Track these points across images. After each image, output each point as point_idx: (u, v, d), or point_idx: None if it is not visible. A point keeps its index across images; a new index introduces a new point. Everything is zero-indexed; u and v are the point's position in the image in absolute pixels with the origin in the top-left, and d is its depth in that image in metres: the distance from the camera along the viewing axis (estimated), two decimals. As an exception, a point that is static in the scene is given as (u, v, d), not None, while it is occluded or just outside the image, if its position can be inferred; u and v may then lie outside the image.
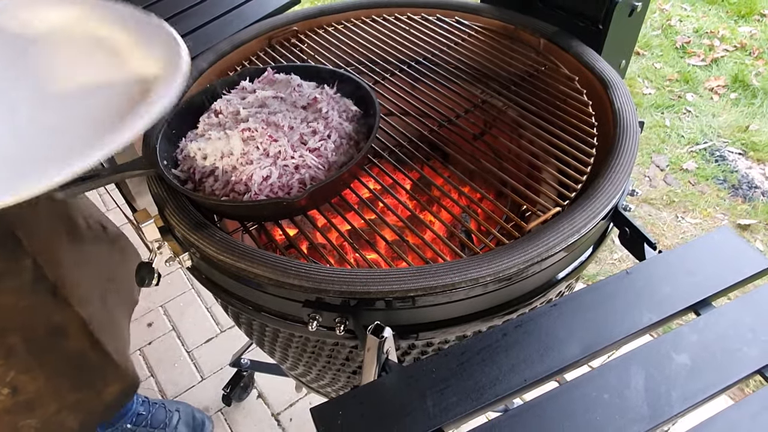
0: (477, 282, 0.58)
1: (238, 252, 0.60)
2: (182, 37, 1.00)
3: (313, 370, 0.82)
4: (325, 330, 0.61)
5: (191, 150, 0.68)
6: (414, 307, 0.60)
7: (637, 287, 0.58)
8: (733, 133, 2.20)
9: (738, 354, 0.52)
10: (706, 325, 0.54)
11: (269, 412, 1.45)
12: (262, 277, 0.59)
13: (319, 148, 0.67)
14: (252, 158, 0.65)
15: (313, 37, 1.00)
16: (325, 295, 0.58)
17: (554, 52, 0.90)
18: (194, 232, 0.63)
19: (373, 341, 0.53)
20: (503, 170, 0.72)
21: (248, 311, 0.66)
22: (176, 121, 0.73)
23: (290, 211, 0.67)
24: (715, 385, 0.50)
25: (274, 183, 0.64)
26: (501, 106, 0.84)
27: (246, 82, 0.77)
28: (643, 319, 0.55)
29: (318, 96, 0.73)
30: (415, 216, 0.69)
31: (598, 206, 0.64)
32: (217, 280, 0.68)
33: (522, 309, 0.65)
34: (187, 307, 1.69)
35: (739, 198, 1.96)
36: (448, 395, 0.50)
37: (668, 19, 2.85)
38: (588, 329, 0.54)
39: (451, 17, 1.00)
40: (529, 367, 0.52)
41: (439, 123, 0.81)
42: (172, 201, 0.67)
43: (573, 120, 0.77)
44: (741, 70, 2.48)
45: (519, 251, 0.60)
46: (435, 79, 0.88)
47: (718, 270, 0.59)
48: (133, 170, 0.67)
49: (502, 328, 0.55)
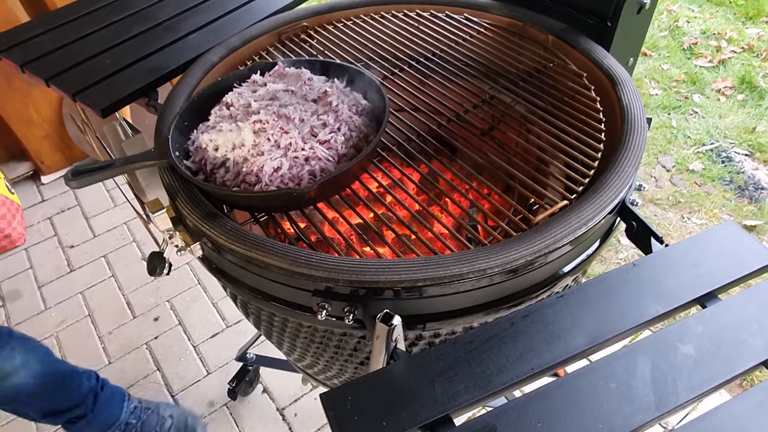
0: (484, 273, 0.59)
1: (249, 241, 0.61)
2: (193, 32, 1.03)
3: (320, 361, 0.83)
4: (334, 319, 0.62)
5: (203, 141, 0.69)
6: (422, 298, 0.61)
7: (644, 279, 0.58)
8: (739, 135, 2.20)
9: (743, 345, 0.52)
10: (712, 317, 0.55)
11: (274, 406, 1.45)
12: (273, 266, 0.60)
13: (329, 141, 0.68)
14: (263, 150, 0.66)
15: (323, 33, 1.00)
16: (335, 284, 0.59)
17: (562, 48, 0.90)
18: (206, 221, 0.64)
19: (382, 329, 0.54)
20: (511, 164, 0.73)
21: (258, 300, 0.67)
22: (188, 113, 0.74)
23: (300, 202, 0.68)
24: (721, 375, 0.50)
25: (284, 174, 0.65)
26: (509, 101, 0.85)
27: (257, 76, 0.78)
28: (649, 310, 0.56)
29: (328, 89, 0.74)
30: (425, 209, 0.70)
31: (606, 200, 0.64)
32: (228, 270, 0.69)
33: (528, 301, 0.66)
34: (194, 302, 1.71)
35: (746, 199, 1.96)
36: (456, 383, 0.51)
37: (675, 21, 2.85)
38: (594, 320, 0.55)
39: (460, 14, 1.01)
40: (537, 355, 0.53)
41: (447, 118, 0.81)
42: (184, 191, 0.67)
43: (581, 116, 0.78)
44: (748, 71, 2.47)
45: (526, 243, 0.60)
46: (444, 75, 0.89)
47: (724, 263, 0.59)
48: (146, 161, 0.68)
49: (510, 318, 0.55)
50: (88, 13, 1.08)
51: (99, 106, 0.87)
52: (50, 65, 0.95)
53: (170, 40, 1.00)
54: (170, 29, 1.03)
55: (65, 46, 1.00)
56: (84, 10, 1.08)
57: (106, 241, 1.90)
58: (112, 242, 1.90)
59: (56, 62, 0.95)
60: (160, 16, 1.07)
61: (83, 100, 0.88)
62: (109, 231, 1.94)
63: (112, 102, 0.87)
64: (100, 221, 1.98)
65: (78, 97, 0.89)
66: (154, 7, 1.10)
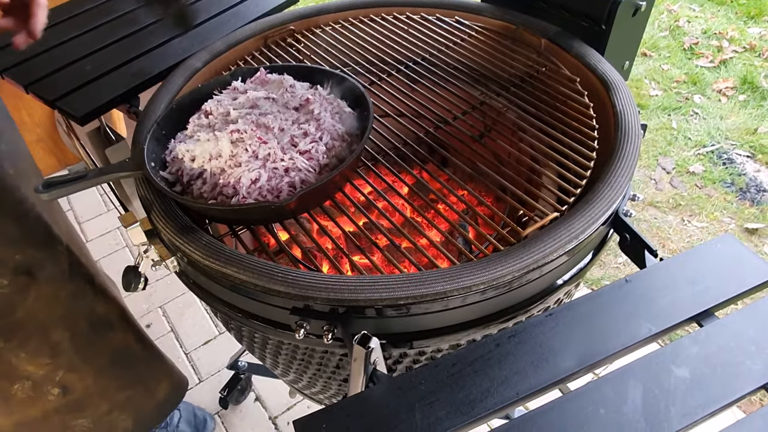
0: (470, 290, 0.56)
1: (224, 257, 0.58)
2: (177, 36, 1.00)
3: (304, 378, 0.80)
4: (314, 338, 0.59)
5: (180, 152, 0.67)
6: (406, 315, 0.58)
7: (637, 296, 0.56)
8: (741, 136, 2.17)
9: (741, 368, 0.50)
10: (708, 337, 0.52)
11: (266, 415, 1.43)
12: (249, 283, 0.57)
13: (309, 151, 0.65)
14: (241, 160, 0.64)
15: (309, 37, 0.98)
16: (313, 302, 0.57)
17: (556, 52, 0.87)
18: (180, 236, 0.61)
19: (359, 351, 0.51)
20: (502, 174, 0.70)
21: (236, 318, 0.65)
22: (166, 121, 0.72)
23: (280, 215, 0.65)
24: (717, 400, 0.48)
25: (263, 186, 0.62)
26: (501, 107, 0.82)
27: (238, 83, 0.76)
28: (641, 330, 0.53)
29: (310, 97, 0.71)
30: (409, 222, 0.67)
31: (598, 211, 0.61)
32: (205, 286, 0.66)
33: (519, 317, 0.63)
34: (186, 308, 1.68)
35: (747, 201, 1.93)
36: (438, 408, 0.48)
37: (676, 20, 2.82)
38: (584, 340, 0.52)
39: (451, 17, 0.98)
40: (523, 379, 0.50)
41: (435, 125, 0.79)
42: (159, 204, 0.65)
43: (573, 122, 0.75)
44: (750, 71, 2.44)
45: (514, 258, 0.58)
46: (433, 80, 0.86)
47: (721, 279, 0.57)
48: (120, 172, 0.66)
49: (495, 338, 0.53)
50: (71, 17, 1.06)
51: (78, 113, 0.84)
52: (30, 71, 0.92)
53: (154, 45, 0.97)
54: (154, 33, 1.01)
55: (46, 51, 0.97)
56: (66, 15, 1.06)
57: (98, 246, 1.88)
58: (104, 247, 1.87)
59: (36, 68, 0.93)
60: (145, 20, 1.04)
61: (62, 107, 0.86)
62: (101, 236, 1.92)
63: (91, 109, 0.84)
64: (92, 226, 1.95)
65: (57, 104, 0.86)
66: (139, 11, 1.08)
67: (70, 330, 0.82)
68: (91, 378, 0.87)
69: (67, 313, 0.81)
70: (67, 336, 0.82)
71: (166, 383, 0.98)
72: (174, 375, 1.01)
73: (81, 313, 0.84)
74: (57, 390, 0.84)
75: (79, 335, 0.83)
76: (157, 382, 0.97)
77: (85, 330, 0.84)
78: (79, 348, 0.84)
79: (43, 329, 0.79)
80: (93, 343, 0.86)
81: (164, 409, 1.00)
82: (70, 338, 0.82)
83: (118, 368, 0.91)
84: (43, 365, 0.81)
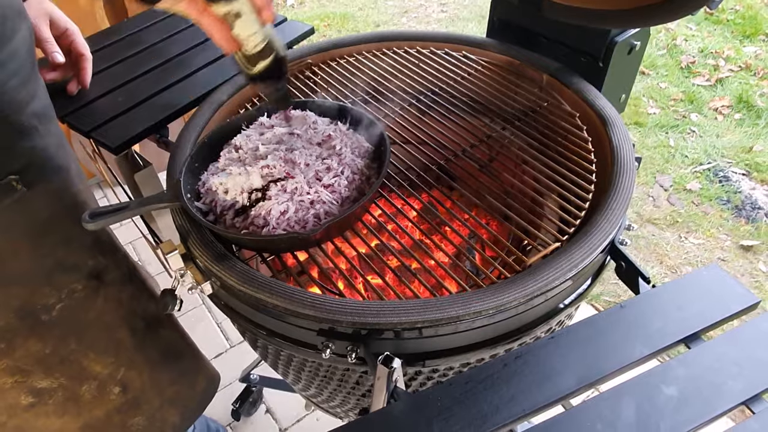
0: (479, 314, 0.62)
1: (257, 283, 0.64)
2: (203, 67, 1.06)
3: (324, 392, 0.86)
4: (337, 357, 0.65)
5: (213, 184, 0.73)
6: (421, 337, 0.64)
7: (630, 321, 0.62)
8: (737, 154, 2.23)
9: (723, 387, 0.55)
10: (694, 359, 0.58)
11: (277, 427, 1.48)
12: (280, 307, 0.63)
13: (333, 185, 0.71)
14: (270, 194, 0.70)
15: (326, 70, 1.04)
16: (338, 325, 0.63)
17: (557, 87, 0.94)
18: (216, 263, 0.67)
19: (383, 371, 0.57)
20: (506, 205, 0.76)
21: (265, 337, 0.70)
22: (199, 154, 0.78)
23: (306, 244, 0.72)
24: (702, 416, 0.54)
25: (290, 217, 0.69)
26: (505, 141, 0.88)
27: (264, 118, 0.82)
28: (635, 352, 0.59)
29: (332, 133, 0.77)
30: (418, 244, 0.73)
31: (596, 242, 0.68)
32: (237, 308, 0.72)
33: (524, 338, 0.69)
34: (198, 322, 1.74)
35: (743, 219, 1.99)
36: (453, 423, 0.54)
37: (673, 39, 2.89)
38: (583, 361, 0.58)
39: (459, 51, 1.05)
40: (528, 397, 0.56)
41: (446, 158, 0.85)
42: (196, 233, 0.71)
43: (573, 156, 0.81)
44: (745, 90, 2.51)
45: (520, 285, 0.64)
46: (442, 113, 0.92)
47: (708, 305, 0.63)
48: (159, 203, 0.72)
49: (503, 359, 0.59)
50: (101, 49, 1.12)
51: (112, 144, 0.91)
52: (64, 104, 0.99)
53: (180, 77, 1.04)
54: (181, 65, 1.07)
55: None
56: (97, 46, 1.12)
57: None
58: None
59: (70, 100, 0.99)
60: (172, 51, 1.11)
61: (97, 138, 0.92)
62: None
63: (124, 140, 0.91)
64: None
65: (92, 134, 0.93)
66: (165, 42, 1.14)
67: (130, 328, 0.88)
68: (146, 373, 0.92)
69: (127, 313, 0.88)
70: (128, 334, 0.88)
71: (203, 376, 1.04)
72: (208, 368, 1.07)
73: (138, 313, 0.90)
74: (118, 389, 0.89)
75: (138, 332, 0.89)
76: (196, 374, 1.02)
77: (142, 328, 0.90)
78: (138, 345, 0.90)
79: (109, 329, 0.85)
80: (148, 340, 0.92)
81: (203, 402, 1.05)
82: (130, 336, 0.88)
83: (168, 362, 0.97)
84: (108, 364, 0.86)
